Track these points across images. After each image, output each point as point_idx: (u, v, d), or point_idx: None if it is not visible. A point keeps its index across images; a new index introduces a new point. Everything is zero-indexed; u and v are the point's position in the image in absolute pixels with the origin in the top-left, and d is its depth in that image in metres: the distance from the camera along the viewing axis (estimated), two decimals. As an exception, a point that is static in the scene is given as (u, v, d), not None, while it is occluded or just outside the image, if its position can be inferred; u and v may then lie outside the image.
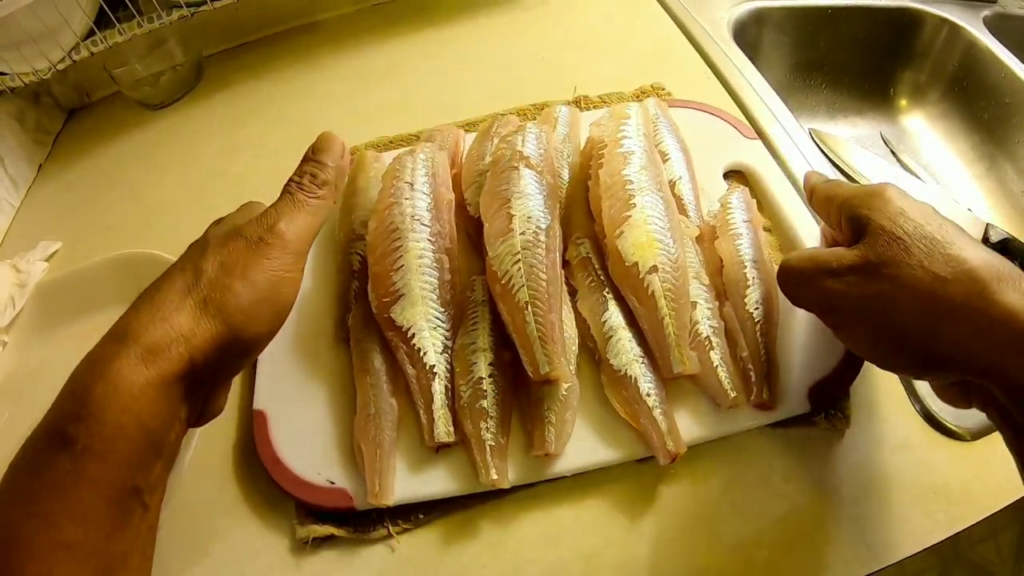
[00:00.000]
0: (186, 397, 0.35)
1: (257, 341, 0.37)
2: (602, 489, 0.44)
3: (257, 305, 0.36)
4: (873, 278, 0.35)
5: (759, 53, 0.84)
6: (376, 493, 0.42)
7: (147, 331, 0.33)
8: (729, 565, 0.41)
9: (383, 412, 0.44)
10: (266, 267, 0.37)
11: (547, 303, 0.43)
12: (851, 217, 0.38)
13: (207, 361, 0.34)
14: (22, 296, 0.65)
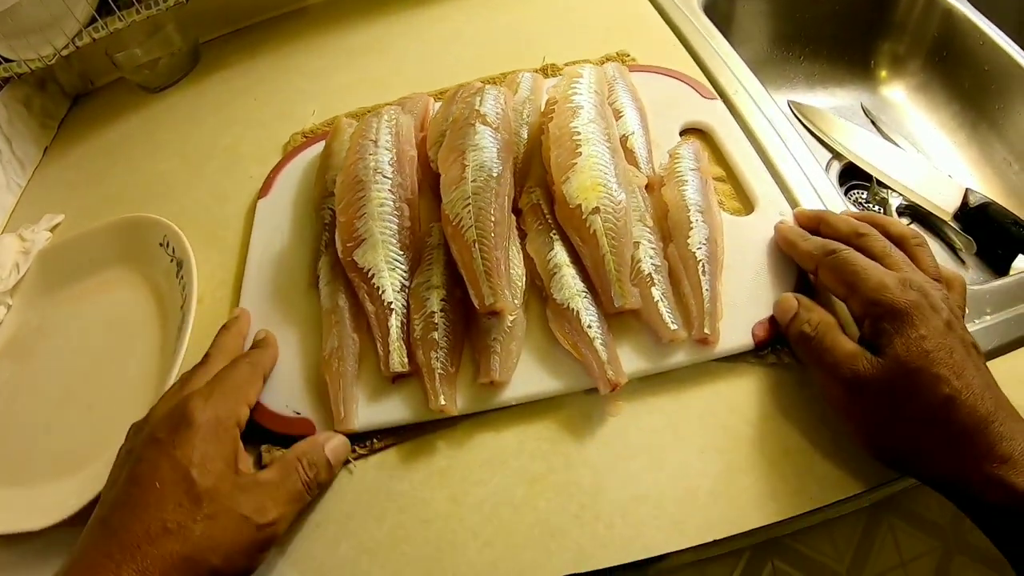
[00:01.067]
0: None
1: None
2: (547, 417, 0.46)
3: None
4: (879, 396, 0.38)
5: (733, 25, 0.86)
6: (341, 419, 0.45)
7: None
8: (671, 492, 0.42)
9: (346, 346, 0.47)
10: (253, 557, 0.40)
11: (493, 241, 0.46)
12: (873, 323, 0.40)
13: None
14: (26, 262, 0.69)
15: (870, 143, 0.80)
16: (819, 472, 0.43)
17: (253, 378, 0.47)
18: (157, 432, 0.41)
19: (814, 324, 0.42)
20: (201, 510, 0.38)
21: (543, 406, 0.47)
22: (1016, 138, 0.78)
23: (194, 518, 0.37)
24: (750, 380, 0.47)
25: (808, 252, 0.46)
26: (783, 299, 0.46)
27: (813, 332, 0.42)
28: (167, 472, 0.39)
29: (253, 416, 0.47)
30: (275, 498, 0.41)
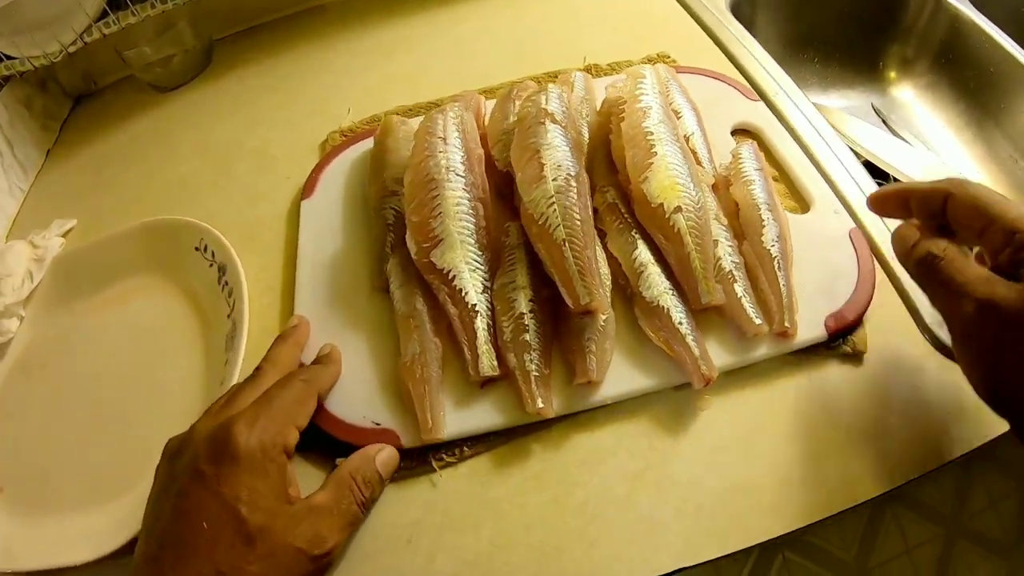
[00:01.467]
0: None
1: None
2: (640, 415, 0.46)
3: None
4: (1013, 328, 0.34)
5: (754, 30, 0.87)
6: (429, 428, 0.44)
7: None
8: (766, 481, 0.43)
9: (428, 351, 0.46)
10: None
11: (582, 240, 0.46)
12: (1015, 252, 0.36)
13: None
14: (40, 270, 0.65)
15: (884, 142, 0.82)
16: (896, 454, 0.45)
17: (305, 398, 0.44)
18: (199, 463, 0.38)
19: (942, 247, 0.39)
20: (254, 551, 0.36)
21: (634, 404, 0.46)
22: (1019, 135, 0.82)
23: (248, 560, 0.36)
24: (825, 370, 0.48)
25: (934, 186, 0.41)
26: (902, 227, 0.42)
27: (943, 253, 0.38)
28: (215, 511, 0.37)
29: (327, 429, 0.46)
30: (330, 525, 0.40)
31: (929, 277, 0.39)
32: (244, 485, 0.37)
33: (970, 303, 0.36)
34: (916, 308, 0.52)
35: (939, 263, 0.38)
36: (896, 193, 0.43)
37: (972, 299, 0.36)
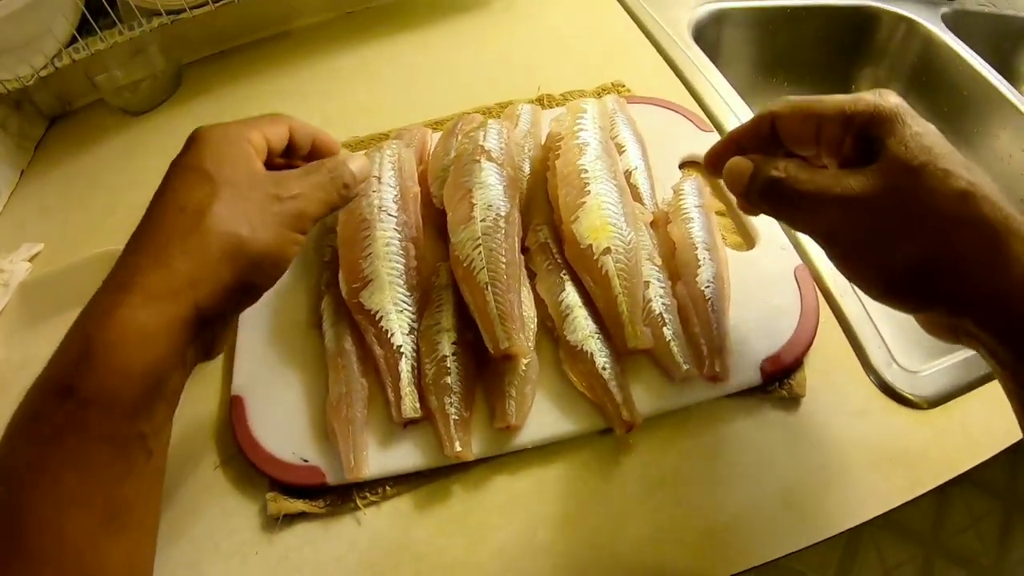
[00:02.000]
0: (191, 341, 0.35)
1: (263, 289, 0.39)
2: (564, 459, 0.46)
3: (264, 259, 0.37)
4: (882, 210, 0.33)
5: (720, 53, 0.87)
6: (351, 468, 0.44)
7: (150, 279, 0.33)
8: (688, 530, 0.43)
9: (354, 391, 0.46)
10: (280, 232, 0.37)
11: (506, 283, 0.46)
12: (857, 137, 0.35)
13: (213, 306, 0.35)
14: (5, 295, 0.66)
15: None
16: (829, 503, 0.44)
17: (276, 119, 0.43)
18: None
19: (781, 166, 0.36)
20: (217, 190, 0.36)
21: (558, 448, 0.46)
22: (993, 159, 0.81)
23: (214, 195, 0.36)
24: (759, 415, 0.48)
25: (758, 114, 0.40)
26: (734, 162, 0.39)
27: (783, 173, 0.35)
28: (179, 177, 0.37)
29: (257, 464, 0.46)
30: (298, 178, 0.40)
31: (780, 202, 0.37)
32: (209, 150, 0.38)
33: (831, 208, 0.34)
34: (862, 346, 0.51)
35: (784, 183, 0.35)
36: (726, 143, 0.42)
37: (831, 203, 0.34)
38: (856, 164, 0.34)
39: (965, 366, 0.51)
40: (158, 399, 0.34)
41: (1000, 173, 0.80)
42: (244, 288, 0.37)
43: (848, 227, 0.34)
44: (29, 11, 0.69)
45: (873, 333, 0.52)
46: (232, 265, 0.35)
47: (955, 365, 0.51)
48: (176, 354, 0.34)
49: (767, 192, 0.37)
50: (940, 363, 0.52)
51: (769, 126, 0.39)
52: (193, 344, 0.36)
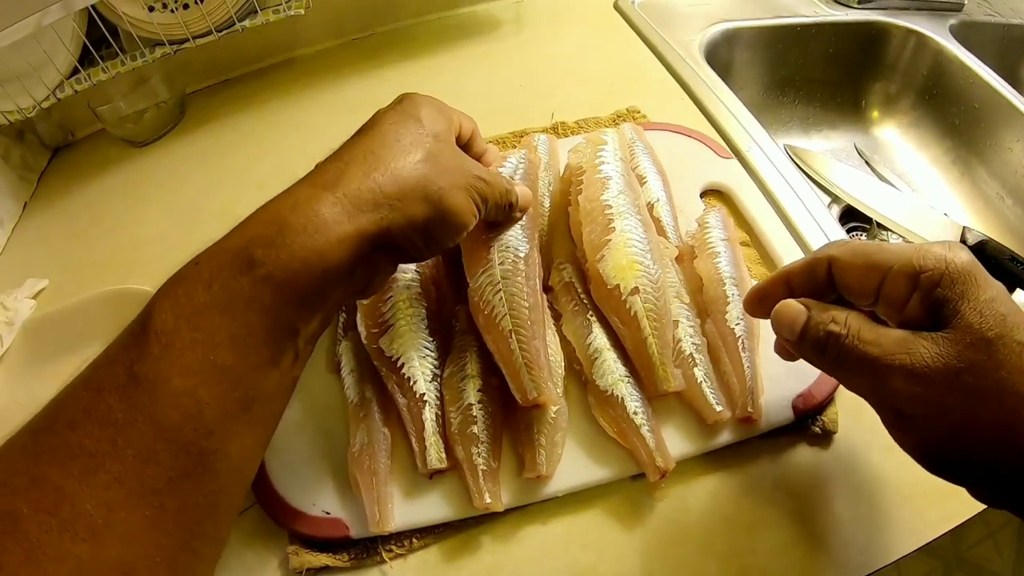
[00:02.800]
0: (365, 264, 0.36)
1: (432, 246, 0.39)
2: (595, 506, 0.45)
3: (450, 216, 0.38)
4: (954, 386, 0.30)
5: (731, 72, 0.87)
6: (376, 521, 0.43)
7: (357, 187, 0.35)
8: (723, 574, 0.42)
9: (376, 441, 0.45)
10: (468, 201, 0.39)
11: (530, 329, 0.44)
12: (925, 295, 0.32)
13: (399, 235, 0.36)
14: (10, 334, 0.65)
15: (868, 185, 0.80)
16: (862, 541, 0.43)
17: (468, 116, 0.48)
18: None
19: (842, 320, 0.33)
20: (430, 140, 0.40)
21: (589, 494, 0.45)
22: (1007, 173, 0.80)
23: (428, 142, 0.39)
24: (791, 454, 0.47)
25: (814, 256, 0.37)
26: (784, 305, 0.36)
27: (844, 329, 0.33)
28: (394, 118, 0.40)
29: (276, 516, 0.45)
30: (486, 169, 0.43)
31: (837, 360, 0.33)
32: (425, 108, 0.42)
33: (897, 377, 0.31)
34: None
35: (844, 341, 0.33)
36: (774, 280, 0.38)
37: (898, 371, 0.31)
38: (920, 323, 0.32)
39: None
40: (320, 304, 0.35)
41: (1014, 187, 0.80)
42: (425, 234, 0.38)
43: (913, 399, 0.31)
44: (30, 41, 0.68)
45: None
46: (427, 207, 0.37)
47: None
48: (353, 264, 0.35)
49: (823, 347, 0.34)
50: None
51: (826, 270, 0.36)
52: (364, 268, 0.37)
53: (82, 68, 0.74)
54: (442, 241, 0.39)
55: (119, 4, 0.71)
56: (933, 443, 0.33)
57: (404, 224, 0.36)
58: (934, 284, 0.31)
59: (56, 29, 0.68)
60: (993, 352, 0.29)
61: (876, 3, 0.89)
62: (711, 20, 0.84)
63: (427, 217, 0.37)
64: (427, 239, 0.38)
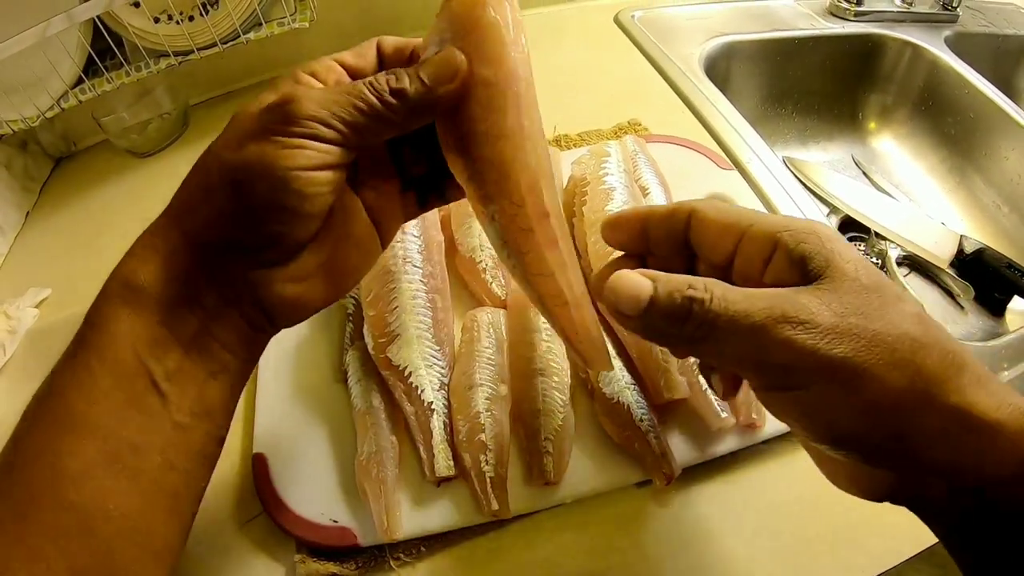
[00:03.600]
0: (196, 278, 0.32)
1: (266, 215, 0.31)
2: (602, 513, 0.45)
3: (242, 172, 0.31)
4: (842, 330, 0.27)
5: (730, 85, 0.88)
6: (385, 529, 0.43)
7: (174, 198, 0.33)
8: (731, 580, 0.42)
9: (384, 450, 0.45)
10: (264, 139, 0.30)
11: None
12: (797, 251, 0.29)
13: (205, 233, 0.32)
14: (12, 343, 0.65)
15: (865, 196, 0.81)
16: (867, 544, 0.44)
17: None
18: None
19: (700, 285, 0.28)
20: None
21: (596, 501, 0.45)
22: (1003, 181, 0.81)
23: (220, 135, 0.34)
24: (795, 459, 0.47)
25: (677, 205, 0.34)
26: (623, 275, 0.30)
27: (706, 293, 0.28)
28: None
29: (283, 525, 0.45)
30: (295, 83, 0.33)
31: (703, 327, 0.28)
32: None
33: (781, 330, 0.26)
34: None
35: (710, 304, 0.27)
36: (633, 212, 0.35)
37: (781, 324, 0.27)
38: (784, 285, 0.29)
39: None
40: (168, 341, 0.31)
41: (1010, 195, 0.81)
42: (236, 213, 0.31)
43: (803, 354, 0.27)
44: (35, 51, 0.68)
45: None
46: (218, 189, 0.31)
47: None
48: (180, 286, 0.31)
49: (682, 315, 0.28)
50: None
51: (685, 221, 0.33)
52: (206, 286, 0.32)
53: (86, 78, 0.74)
54: (265, 204, 0.31)
55: (125, 15, 0.71)
56: (834, 406, 0.27)
57: (206, 221, 0.31)
58: (799, 240, 0.29)
59: (61, 39, 0.69)
60: (873, 297, 0.27)
61: (872, 16, 0.91)
62: (710, 34, 0.85)
63: (224, 198, 0.31)
64: (246, 215, 0.31)
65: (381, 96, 0.31)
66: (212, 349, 0.33)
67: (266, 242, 0.32)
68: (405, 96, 0.32)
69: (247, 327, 0.34)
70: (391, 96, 0.32)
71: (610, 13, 0.93)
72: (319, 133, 0.30)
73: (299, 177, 0.30)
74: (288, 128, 0.30)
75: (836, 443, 0.29)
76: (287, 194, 0.30)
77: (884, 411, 0.27)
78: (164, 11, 0.73)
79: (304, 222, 0.32)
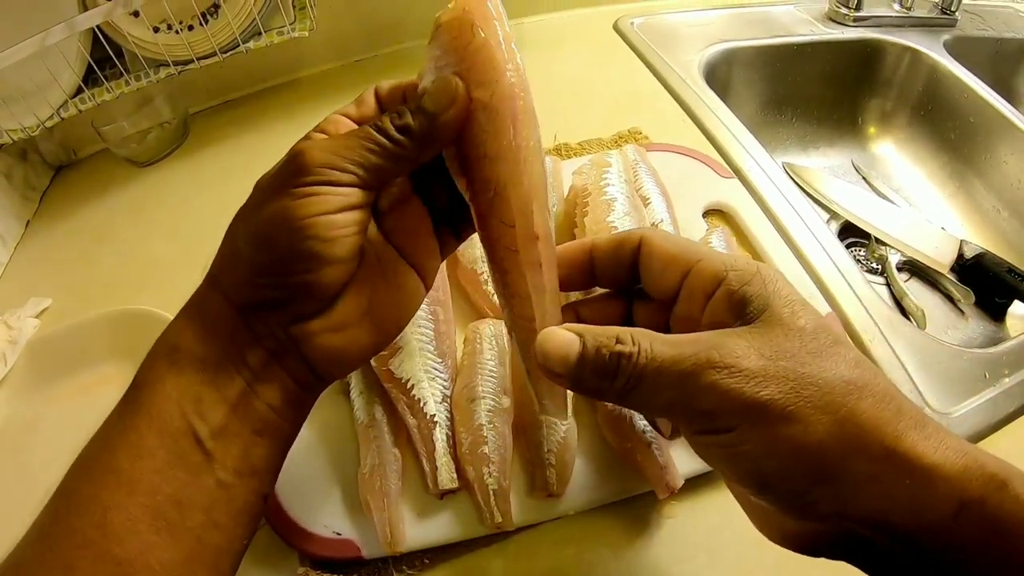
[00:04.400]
0: (247, 339, 0.32)
1: (290, 270, 0.31)
2: (605, 524, 0.45)
3: (261, 228, 0.32)
4: (770, 373, 0.27)
5: (730, 92, 0.88)
6: (388, 541, 0.43)
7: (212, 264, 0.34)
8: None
9: (387, 462, 0.45)
10: (279, 193, 0.31)
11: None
12: (738, 294, 0.29)
13: (241, 296, 0.32)
14: (14, 352, 0.65)
15: (866, 202, 0.81)
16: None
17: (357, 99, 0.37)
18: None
19: (627, 338, 0.28)
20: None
21: (599, 513, 0.46)
22: (1003, 185, 0.81)
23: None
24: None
25: (625, 234, 0.34)
26: (549, 333, 0.30)
27: (634, 346, 0.28)
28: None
29: (286, 537, 0.45)
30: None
31: (631, 381, 0.28)
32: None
33: (706, 375, 0.27)
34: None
35: (638, 359, 0.28)
36: (579, 245, 0.35)
37: (706, 369, 0.27)
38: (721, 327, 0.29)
39: (992, 404, 0.52)
40: (213, 399, 0.32)
41: (1010, 199, 0.81)
42: (264, 269, 0.32)
43: (728, 398, 0.26)
44: (35, 60, 0.68)
45: (905, 378, 0.52)
46: (245, 249, 0.32)
47: (983, 404, 0.52)
48: (223, 346, 0.32)
49: (611, 372, 0.28)
50: (969, 404, 0.52)
51: (633, 251, 0.33)
52: (250, 345, 0.33)
53: (86, 88, 0.74)
54: (286, 259, 0.31)
55: (124, 25, 0.71)
56: (758, 448, 0.27)
57: (237, 283, 0.33)
58: (743, 281, 0.29)
59: (61, 49, 0.69)
60: (808, 340, 0.27)
61: (871, 21, 0.91)
62: (709, 40, 0.85)
63: (250, 256, 0.32)
64: (273, 273, 0.32)
65: (388, 134, 0.32)
66: (257, 408, 0.33)
67: (298, 293, 0.32)
68: (410, 130, 0.32)
69: (294, 384, 0.34)
70: (398, 132, 0.32)
71: (609, 20, 0.93)
72: (333, 179, 0.31)
73: (318, 223, 0.30)
74: (302, 179, 0.31)
75: (761, 487, 0.28)
76: (309, 241, 0.31)
77: (809, 454, 0.26)
78: (163, 20, 0.73)
79: (332, 268, 0.32)
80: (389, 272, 0.36)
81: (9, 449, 0.60)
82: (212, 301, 0.33)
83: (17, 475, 0.58)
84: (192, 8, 0.71)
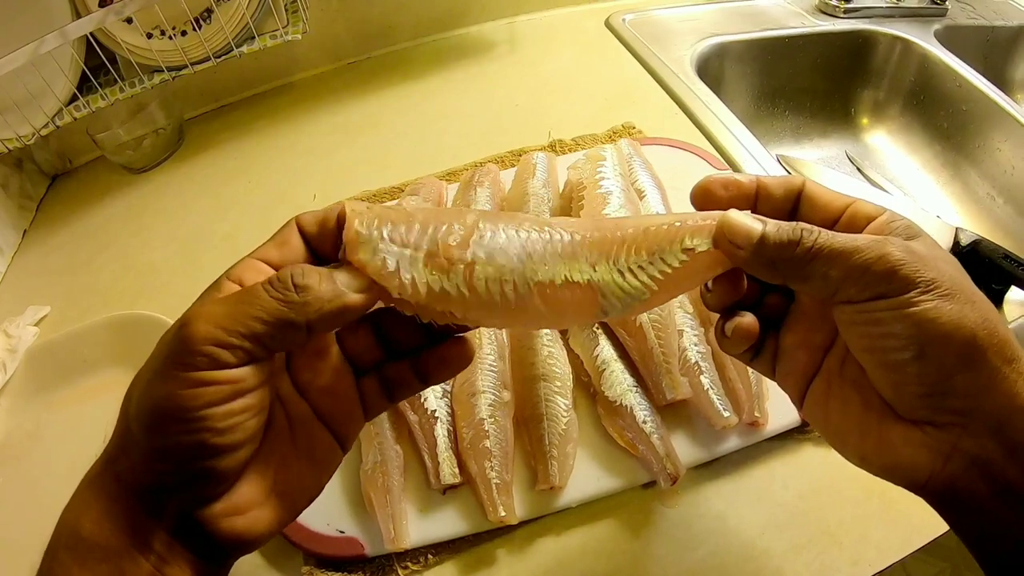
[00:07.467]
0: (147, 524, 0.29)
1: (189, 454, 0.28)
2: (608, 516, 0.45)
3: (148, 415, 0.28)
4: (937, 268, 0.29)
5: (722, 85, 0.88)
6: (392, 538, 0.43)
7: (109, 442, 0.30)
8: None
9: (389, 459, 0.45)
10: (166, 375, 0.27)
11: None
12: (895, 224, 0.31)
13: (135, 478, 0.29)
14: (13, 361, 0.65)
15: (860, 191, 0.82)
16: (875, 537, 0.44)
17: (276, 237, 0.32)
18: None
19: (807, 225, 0.30)
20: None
21: (602, 504, 0.46)
22: (997, 172, 0.81)
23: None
24: (799, 455, 0.48)
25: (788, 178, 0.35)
26: (733, 214, 0.31)
27: (812, 229, 0.30)
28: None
29: (289, 536, 0.45)
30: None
31: (811, 251, 0.30)
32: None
33: (888, 247, 0.28)
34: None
35: (819, 235, 0.29)
36: (747, 182, 0.34)
37: (887, 244, 0.28)
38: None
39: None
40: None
41: (1005, 185, 0.81)
42: (157, 455, 0.28)
43: (909, 273, 0.28)
44: (29, 69, 0.68)
45: (903, 366, 0.52)
46: (136, 433, 0.29)
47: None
48: (124, 534, 0.29)
49: (793, 242, 0.30)
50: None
51: (797, 194, 0.34)
52: (151, 530, 0.30)
53: (80, 95, 0.74)
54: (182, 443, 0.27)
55: (118, 31, 0.72)
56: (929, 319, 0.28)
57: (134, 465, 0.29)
58: (897, 218, 0.31)
59: (55, 57, 0.69)
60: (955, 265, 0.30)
61: (861, 12, 0.91)
62: (701, 35, 0.86)
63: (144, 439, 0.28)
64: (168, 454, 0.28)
65: (283, 297, 0.28)
66: None
67: (195, 480, 0.29)
68: (310, 291, 0.29)
69: (203, 564, 0.31)
70: (295, 293, 0.28)
71: (601, 17, 0.93)
72: (220, 357, 0.27)
73: (210, 415, 0.27)
74: (187, 360, 0.27)
75: (919, 354, 0.29)
76: (202, 434, 0.27)
77: (964, 334, 0.28)
78: (157, 26, 0.73)
79: (229, 454, 0.29)
80: (300, 438, 0.32)
81: (10, 456, 0.60)
82: (105, 485, 0.30)
83: (19, 482, 0.58)
84: (185, 14, 0.71)
